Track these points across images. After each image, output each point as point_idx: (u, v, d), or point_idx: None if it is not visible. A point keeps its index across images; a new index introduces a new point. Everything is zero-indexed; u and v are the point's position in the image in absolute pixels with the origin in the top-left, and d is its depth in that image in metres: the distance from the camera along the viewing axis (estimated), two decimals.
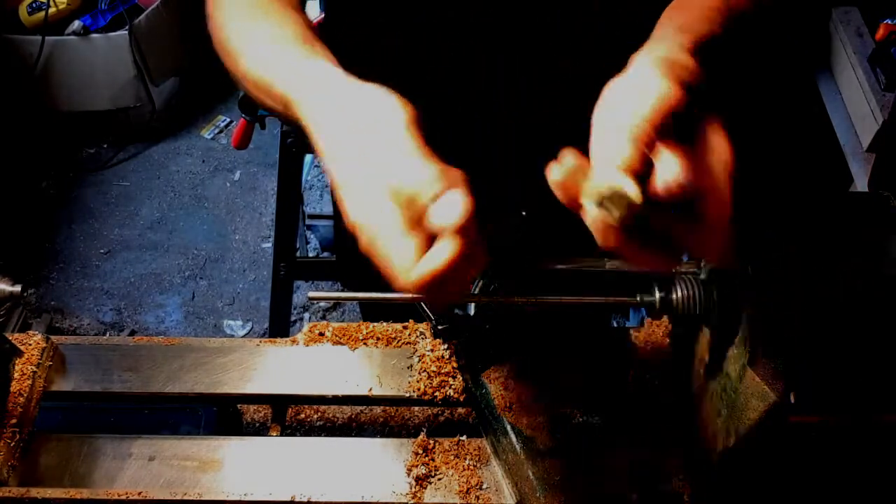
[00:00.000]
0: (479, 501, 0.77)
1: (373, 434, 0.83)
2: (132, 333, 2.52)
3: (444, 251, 0.56)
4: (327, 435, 0.84)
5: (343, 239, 1.51)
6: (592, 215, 0.59)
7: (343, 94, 0.65)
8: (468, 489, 0.77)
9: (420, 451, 0.79)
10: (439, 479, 0.78)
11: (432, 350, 0.84)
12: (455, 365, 0.83)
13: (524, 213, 0.83)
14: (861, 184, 1.82)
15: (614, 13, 0.91)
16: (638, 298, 0.69)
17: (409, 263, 0.56)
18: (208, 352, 0.85)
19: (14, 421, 0.78)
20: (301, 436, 0.87)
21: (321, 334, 0.88)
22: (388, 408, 0.91)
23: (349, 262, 1.47)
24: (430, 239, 0.57)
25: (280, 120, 0.80)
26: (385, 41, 0.99)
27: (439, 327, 0.84)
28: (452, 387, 0.82)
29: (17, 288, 0.77)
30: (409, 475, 0.78)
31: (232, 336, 2.51)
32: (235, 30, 0.82)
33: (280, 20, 0.80)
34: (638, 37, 0.73)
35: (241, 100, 1.82)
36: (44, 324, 2.46)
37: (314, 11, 1.91)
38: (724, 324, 0.67)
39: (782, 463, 0.69)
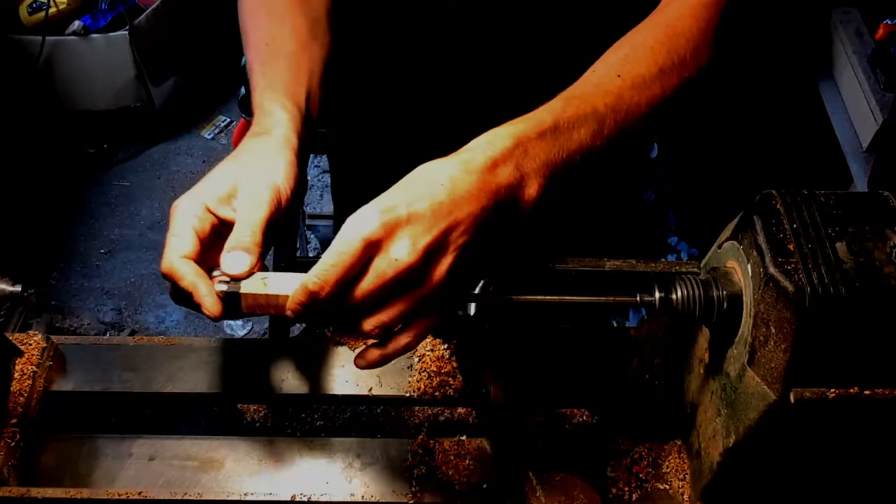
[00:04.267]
0: (480, 502, 0.77)
1: (373, 434, 0.83)
2: (132, 333, 2.52)
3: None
4: (327, 435, 0.84)
5: None
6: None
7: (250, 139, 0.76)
8: (468, 489, 0.77)
9: (420, 451, 0.79)
10: (439, 479, 0.78)
11: (432, 350, 0.84)
12: (455, 365, 0.83)
13: None
14: (861, 184, 1.82)
15: (581, 36, 0.91)
16: (638, 298, 0.69)
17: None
18: (208, 352, 0.85)
19: (14, 421, 0.78)
20: (301, 436, 0.87)
21: (321, 334, 0.88)
22: (388, 407, 0.91)
23: None
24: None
25: None
26: (376, 45, 1.02)
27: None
28: (452, 387, 0.82)
29: (18, 288, 0.77)
30: (409, 475, 0.78)
31: (232, 336, 2.51)
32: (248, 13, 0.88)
33: (282, 23, 0.83)
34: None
35: (242, 100, 1.82)
36: (44, 324, 2.46)
37: None
38: (724, 324, 0.68)
39: (782, 462, 0.70)
